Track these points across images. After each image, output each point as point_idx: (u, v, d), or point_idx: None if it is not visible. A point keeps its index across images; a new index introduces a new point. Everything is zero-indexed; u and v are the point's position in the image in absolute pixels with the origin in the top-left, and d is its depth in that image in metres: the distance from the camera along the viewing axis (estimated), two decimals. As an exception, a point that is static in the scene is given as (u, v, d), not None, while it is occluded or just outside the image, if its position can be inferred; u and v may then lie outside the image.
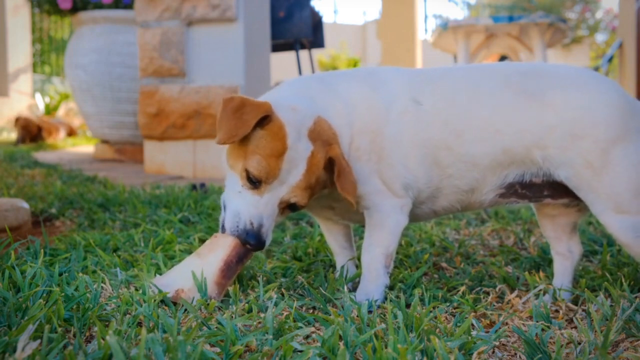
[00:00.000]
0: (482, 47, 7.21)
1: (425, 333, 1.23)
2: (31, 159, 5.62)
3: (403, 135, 1.57)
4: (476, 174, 1.57)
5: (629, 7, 7.79)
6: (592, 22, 15.48)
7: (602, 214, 1.48)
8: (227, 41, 4.54)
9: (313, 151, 1.47)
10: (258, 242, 1.45)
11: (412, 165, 1.58)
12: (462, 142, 1.55)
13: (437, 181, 1.60)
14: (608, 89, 1.50)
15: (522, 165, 1.54)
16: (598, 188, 1.45)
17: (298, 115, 1.48)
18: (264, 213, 1.46)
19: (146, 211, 2.66)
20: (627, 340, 1.28)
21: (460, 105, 1.57)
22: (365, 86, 1.62)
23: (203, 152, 4.58)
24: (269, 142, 1.44)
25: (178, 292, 1.45)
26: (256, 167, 1.43)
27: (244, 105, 1.44)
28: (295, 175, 1.46)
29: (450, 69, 1.68)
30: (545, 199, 1.59)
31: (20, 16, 11.21)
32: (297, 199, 1.48)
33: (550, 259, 1.99)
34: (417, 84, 1.62)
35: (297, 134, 1.46)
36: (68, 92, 11.57)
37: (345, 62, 11.25)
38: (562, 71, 1.56)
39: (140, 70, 4.66)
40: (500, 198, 1.61)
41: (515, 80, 1.55)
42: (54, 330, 1.21)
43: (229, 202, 1.51)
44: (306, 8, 5.84)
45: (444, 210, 1.69)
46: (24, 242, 1.95)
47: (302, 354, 1.11)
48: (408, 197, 1.61)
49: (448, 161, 1.57)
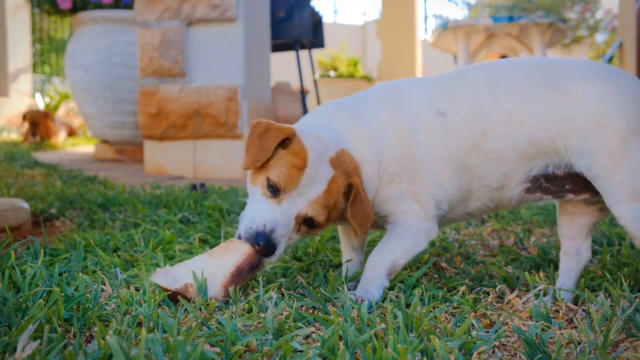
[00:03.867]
0: (482, 47, 7.21)
1: (425, 333, 1.22)
2: (31, 159, 5.62)
3: (433, 153, 1.61)
4: (504, 170, 1.60)
5: (629, 7, 7.80)
6: (592, 22, 15.49)
7: (616, 204, 1.50)
8: (227, 41, 4.54)
9: (334, 175, 1.52)
10: (267, 243, 1.46)
11: (444, 179, 1.62)
12: (489, 140, 1.58)
13: (468, 184, 1.63)
14: (628, 81, 1.54)
15: (546, 156, 1.57)
16: (616, 177, 1.48)
17: (322, 144, 1.53)
18: (279, 220, 1.49)
19: (146, 211, 2.66)
20: (627, 340, 1.28)
21: (483, 103, 1.59)
22: (390, 109, 1.64)
23: (203, 152, 4.58)
24: (290, 157, 1.50)
25: (187, 286, 1.45)
26: (276, 174, 1.48)
27: (268, 130, 1.51)
28: (315, 191, 1.50)
29: (467, 69, 1.70)
30: (568, 194, 1.62)
31: (20, 16, 11.21)
32: (314, 213, 1.51)
33: (550, 259, 1.99)
34: (437, 94, 1.64)
35: (318, 158, 1.51)
36: (68, 92, 11.58)
37: (345, 62, 11.23)
38: (583, 64, 1.59)
39: (140, 70, 4.66)
40: (527, 194, 1.64)
41: (537, 72, 1.58)
42: (54, 330, 1.21)
43: (247, 212, 1.54)
44: (306, 8, 5.84)
45: (478, 211, 1.71)
46: (24, 242, 1.95)
47: (302, 354, 1.11)
48: (435, 222, 1.66)
49: (477, 162, 1.60)
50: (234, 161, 4.53)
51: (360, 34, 18.30)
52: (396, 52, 10.90)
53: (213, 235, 2.25)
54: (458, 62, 7.05)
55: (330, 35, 9.04)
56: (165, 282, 1.46)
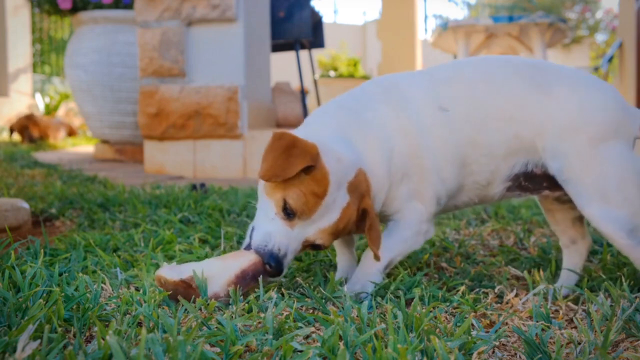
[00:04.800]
0: (482, 47, 7.21)
1: (425, 333, 1.22)
2: (31, 159, 5.61)
3: (438, 149, 1.63)
4: (492, 166, 1.64)
5: (629, 7, 7.80)
6: (592, 22, 15.48)
7: (587, 206, 1.54)
8: (227, 41, 4.54)
9: (349, 202, 1.52)
10: (278, 267, 1.48)
11: (446, 174, 1.65)
12: (483, 134, 1.62)
13: (462, 179, 1.67)
14: (607, 93, 1.60)
15: (527, 153, 1.62)
16: (586, 180, 1.54)
17: (342, 166, 1.53)
18: (290, 246, 1.50)
19: (146, 211, 2.66)
20: (627, 340, 1.28)
21: (478, 98, 1.63)
22: (393, 110, 1.65)
23: (203, 152, 4.58)
24: (311, 183, 1.48)
25: (192, 278, 1.45)
26: (296, 200, 1.47)
27: (294, 146, 1.47)
28: (328, 220, 1.51)
29: (462, 63, 1.74)
30: (544, 190, 1.67)
31: (20, 16, 11.21)
32: (322, 241, 1.53)
33: (550, 259, 1.99)
34: (436, 88, 1.66)
35: (337, 184, 1.51)
36: (68, 92, 11.57)
37: (345, 62, 11.23)
38: (569, 72, 1.65)
39: (140, 70, 4.66)
40: (508, 192, 1.69)
41: (527, 70, 1.63)
42: (54, 330, 1.21)
43: (261, 225, 1.53)
44: (306, 8, 5.84)
45: (464, 205, 1.77)
46: (24, 242, 1.95)
47: (302, 354, 1.11)
48: (433, 222, 1.71)
49: (473, 158, 1.64)
50: (234, 161, 4.53)
51: (360, 34, 18.29)
52: (396, 52, 10.89)
53: (213, 235, 2.24)
54: (458, 62, 7.04)
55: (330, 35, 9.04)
56: (170, 275, 1.47)
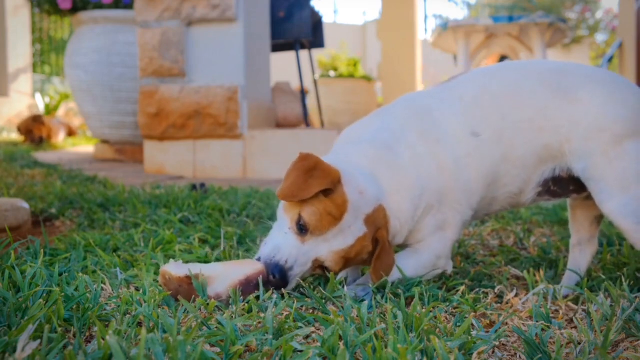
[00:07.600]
0: (482, 47, 7.21)
1: (425, 333, 1.22)
2: (31, 159, 5.61)
3: (472, 176, 1.65)
4: (524, 176, 1.67)
5: (629, 7, 7.80)
6: (592, 22, 15.47)
7: (608, 201, 1.56)
8: (227, 41, 4.54)
9: (366, 234, 1.53)
10: (282, 279, 1.49)
11: (476, 198, 1.67)
12: (514, 150, 1.64)
13: (493, 192, 1.69)
14: (627, 89, 1.63)
15: (554, 160, 1.65)
16: (609, 175, 1.56)
17: (363, 200, 1.53)
18: (298, 260, 1.50)
19: (146, 211, 2.66)
20: (627, 340, 1.28)
21: (508, 115, 1.64)
22: (427, 143, 1.65)
23: (203, 152, 4.58)
24: (329, 205, 1.49)
25: (197, 275, 1.45)
26: (310, 215, 1.49)
27: (315, 168, 1.49)
28: (341, 243, 1.51)
29: (486, 76, 1.72)
30: (572, 194, 1.71)
31: (20, 16, 11.20)
32: (331, 264, 1.53)
33: (550, 259, 1.99)
34: (467, 113, 1.67)
35: (355, 214, 1.52)
36: (68, 92, 11.56)
37: (345, 62, 11.21)
38: (589, 71, 1.67)
39: (140, 70, 4.66)
40: (538, 197, 1.71)
41: (550, 78, 1.65)
42: (54, 330, 1.21)
43: (273, 238, 1.55)
44: (306, 8, 5.84)
45: (496, 212, 1.81)
46: (24, 242, 1.95)
47: (302, 354, 1.11)
48: (450, 259, 1.73)
49: (504, 172, 1.66)
50: (234, 161, 4.53)
51: (360, 34, 18.29)
52: (396, 52, 10.88)
53: (213, 235, 2.24)
54: (458, 62, 7.05)
55: (330, 35, 9.04)
56: (176, 271, 1.47)
